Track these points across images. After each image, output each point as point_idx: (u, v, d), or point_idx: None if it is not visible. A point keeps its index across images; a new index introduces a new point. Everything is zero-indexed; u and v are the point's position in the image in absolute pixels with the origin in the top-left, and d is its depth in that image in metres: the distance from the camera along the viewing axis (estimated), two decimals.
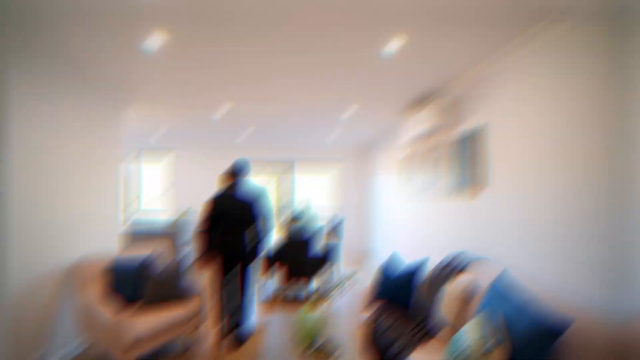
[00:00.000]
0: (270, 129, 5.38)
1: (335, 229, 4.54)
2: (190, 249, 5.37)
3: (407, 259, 4.14)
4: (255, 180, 3.04)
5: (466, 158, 2.74)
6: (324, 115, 4.31)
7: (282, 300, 3.46)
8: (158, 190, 7.45)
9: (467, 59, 2.40)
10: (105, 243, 3.01)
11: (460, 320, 2.10)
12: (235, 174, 2.74)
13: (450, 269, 2.50)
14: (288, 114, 4.28)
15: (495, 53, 2.27)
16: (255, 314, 3.32)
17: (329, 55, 2.34)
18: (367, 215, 6.72)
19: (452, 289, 2.13)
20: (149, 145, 6.44)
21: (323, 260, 4.00)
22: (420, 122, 3.30)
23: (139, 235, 4.42)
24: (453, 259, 2.57)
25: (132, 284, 2.51)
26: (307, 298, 3.83)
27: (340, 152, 6.72)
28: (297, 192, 7.00)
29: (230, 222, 2.64)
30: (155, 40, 2.07)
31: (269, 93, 3.32)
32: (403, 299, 2.35)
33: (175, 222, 4.42)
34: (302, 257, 3.48)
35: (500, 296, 1.66)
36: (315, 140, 6.53)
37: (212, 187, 6.28)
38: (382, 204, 5.90)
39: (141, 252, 2.82)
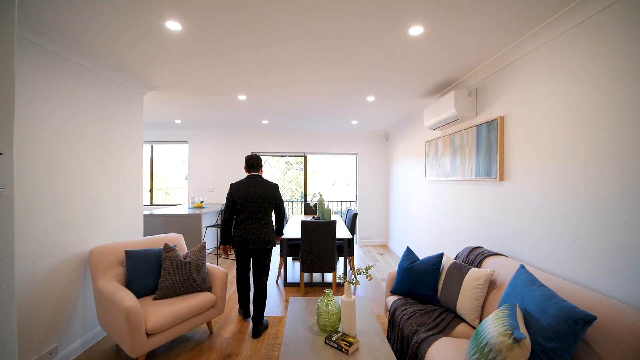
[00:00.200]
0: (286, 120, 5.40)
1: (349, 223, 4.56)
2: (206, 239, 5.48)
3: (425, 250, 4.20)
4: (271, 171, 3.39)
5: (486, 147, 2.72)
6: (341, 105, 4.30)
7: (303, 286, 3.52)
8: (176, 179, 7.61)
9: (489, 46, 2.34)
10: (126, 229, 3.10)
11: (481, 312, 2.11)
12: (249, 168, 2.97)
13: (469, 262, 2.50)
14: (304, 104, 4.29)
15: (519, 40, 2.22)
16: (277, 299, 3.40)
17: (348, 42, 2.32)
18: (385, 205, 6.71)
19: (472, 281, 2.14)
20: (168, 135, 6.56)
21: (337, 254, 4.03)
22: (441, 110, 3.27)
23: (159, 221, 4.52)
24: (472, 251, 2.57)
25: (149, 273, 2.58)
26: (326, 286, 3.90)
27: (357, 142, 6.69)
28: (311, 184, 7.01)
29: (246, 211, 2.85)
30: (174, 26, 2.09)
31: (286, 82, 3.33)
32: (422, 292, 2.36)
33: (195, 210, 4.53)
34: (315, 251, 3.51)
35: (522, 289, 1.66)
36: (331, 130, 6.53)
37: (228, 176, 6.52)
38: (400, 194, 5.89)
39: (160, 240, 2.90)
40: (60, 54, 2.33)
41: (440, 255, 2.42)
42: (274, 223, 3.02)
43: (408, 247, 2.65)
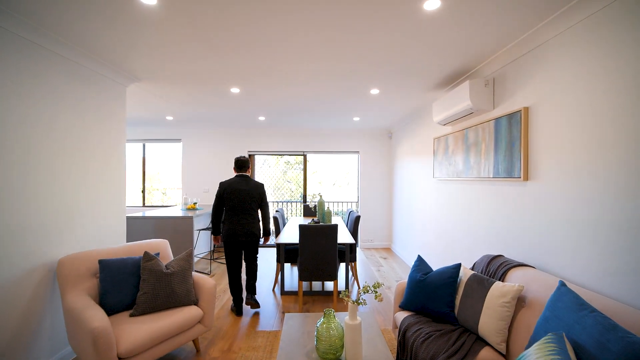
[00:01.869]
0: (284, 116, 5.11)
1: (351, 226, 4.26)
2: (199, 243, 5.17)
3: (434, 257, 3.89)
4: (270, 171, 3.63)
5: (507, 143, 2.42)
6: (343, 99, 4.00)
7: (302, 296, 3.22)
8: (174, 179, 7.32)
9: (513, 26, 2.04)
10: (105, 235, 2.81)
11: (507, 335, 1.81)
12: (237, 168, 3.23)
13: (489, 273, 2.20)
14: (303, 98, 3.99)
15: (550, 17, 1.91)
16: (273, 309, 3.11)
17: (350, 27, 2.03)
18: (388, 206, 6.41)
19: (497, 298, 1.83)
20: (161, 133, 6.27)
21: (339, 260, 3.73)
22: (453, 103, 2.96)
23: (147, 225, 4.22)
24: (492, 261, 2.27)
25: (127, 285, 2.28)
26: (327, 295, 3.60)
27: (359, 140, 6.38)
28: (311, 184, 6.74)
29: (235, 207, 3.09)
30: (155, 9, 1.80)
31: (281, 72, 3.03)
32: (437, 308, 2.06)
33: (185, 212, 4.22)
34: (314, 258, 3.21)
35: (567, 314, 1.35)
36: (332, 128, 6.24)
37: (224, 175, 6.20)
38: (405, 195, 5.59)
39: (141, 247, 2.60)
40: (19, 34, 2.03)
41: (458, 267, 2.11)
42: (259, 219, 3.29)
43: (419, 256, 2.35)
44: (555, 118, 1.99)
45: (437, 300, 2.05)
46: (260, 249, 6.07)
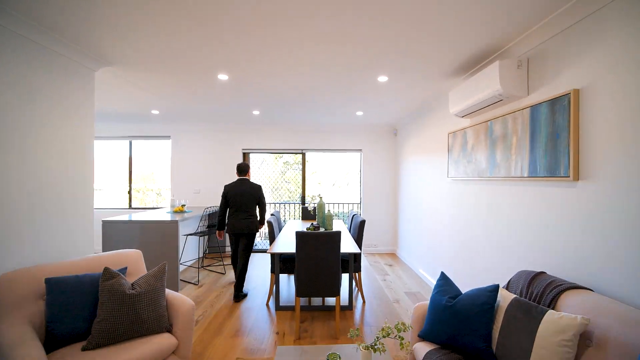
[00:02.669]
0: (280, 110, 4.68)
1: (355, 231, 3.82)
2: (186, 251, 4.74)
3: (449, 267, 3.42)
4: (268, 171, 4.22)
5: (549, 135, 1.98)
6: (346, 88, 3.57)
7: (299, 314, 2.77)
8: (161, 180, 6.91)
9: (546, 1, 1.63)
10: (66, 245, 2.37)
11: None
12: (238, 172, 3.77)
13: (533, 296, 1.76)
14: (300, 87, 3.57)
15: None
16: (266, 327, 2.67)
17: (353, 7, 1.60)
18: (393, 208, 5.97)
19: (553, 334, 1.40)
20: (148, 129, 5.83)
21: (341, 270, 3.29)
22: (476, 90, 2.53)
23: (129, 231, 3.77)
24: (534, 280, 1.83)
25: (82, 310, 1.83)
26: (328, 310, 3.16)
27: (362, 137, 5.95)
28: (310, 185, 6.33)
29: (236, 206, 3.64)
30: None
31: (277, 60, 2.59)
32: (470, 342, 1.62)
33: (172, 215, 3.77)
34: (313, 270, 2.77)
35: None
36: (333, 124, 5.82)
37: (216, 175, 5.74)
38: (412, 196, 5.16)
39: (104, 260, 2.16)
40: None
41: (494, 289, 1.68)
42: (257, 215, 3.78)
43: (443, 274, 1.91)
44: (617, 102, 1.56)
45: (469, 333, 1.62)
46: (256, 256, 5.64)
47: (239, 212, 3.62)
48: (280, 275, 4.21)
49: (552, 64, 2.02)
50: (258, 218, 3.77)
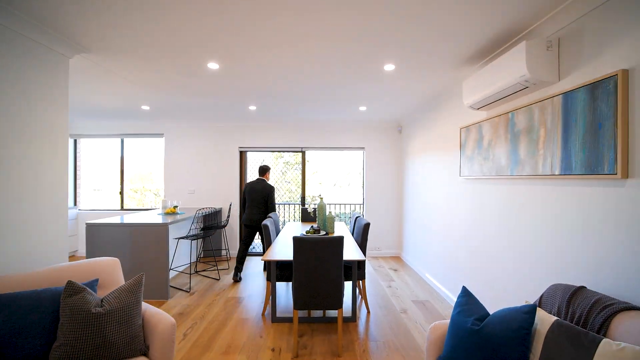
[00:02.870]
0: (278, 104, 4.41)
1: (359, 235, 3.53)
2: (177, 255, 4.46)
3: (462, 276, 3.02)
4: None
5: (587, 125, 1.70)
6: (350, 78, 3.28)
7: (297, 330, 2.48)
8: (159, 180, 6.66)
9: None
10: (36, 252, 2.10)
11: None
12: (259, 173, 4.37)
13: (579, 320, 1.47)
14: (299, 78, 3.29)
15: None
16: (262, 343, 2.39)
17: None
18: (397, 210, 5.68)
19: None
20: (140, 127, 5.57)
21: (344, 279, 3.01)
22: (497, 77, 2.23)
23: (118, 234, 3.50)
24: (574, 297, 1.54)
25: (40, 331, 1.56)
26: (329, 322, 2.88)
27: (365, 135, 5.66)
28: (311, 185, 6.06)
29: (250, 200, 4.23)
30: None
31: (272, 46, 2.31)
32: None
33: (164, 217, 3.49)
34: (313, 280, 2.48)
35: None
36: (335, 120, 5.54)
37: (212, 175, 5.46)
38: (419, 197, 4.87)
39: (72, 271, 1.88)
40: None
41: (532, 310, 1.39)
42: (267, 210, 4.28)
43: (465, 289, 1.62)
44: None
45: None
46: (253, 260, 5.35)
47: (252, 206, 4.22)
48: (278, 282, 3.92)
49: (589, 43, 1.73)
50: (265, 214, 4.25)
